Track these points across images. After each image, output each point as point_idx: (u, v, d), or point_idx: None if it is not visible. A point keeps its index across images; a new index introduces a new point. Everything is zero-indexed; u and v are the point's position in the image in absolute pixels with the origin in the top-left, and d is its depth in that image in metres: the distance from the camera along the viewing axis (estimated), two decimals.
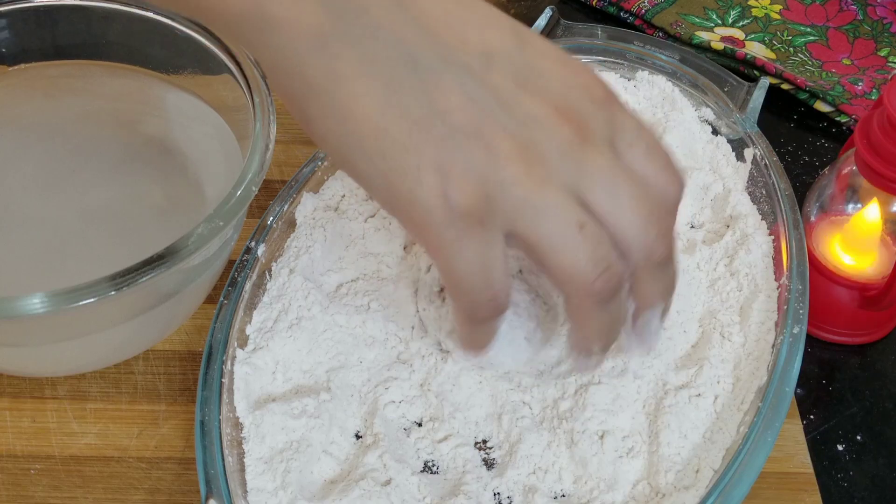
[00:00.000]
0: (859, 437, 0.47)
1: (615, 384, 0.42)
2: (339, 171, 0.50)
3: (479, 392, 0.42)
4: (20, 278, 0.45)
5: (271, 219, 0.47)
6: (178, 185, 0.49)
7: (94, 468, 0.43)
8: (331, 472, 0.41)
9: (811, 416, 0.47)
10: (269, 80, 0.34)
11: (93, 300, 0.38)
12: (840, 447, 0.46)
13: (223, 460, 0.38)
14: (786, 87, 0.64)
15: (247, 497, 0.38)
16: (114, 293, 0.38)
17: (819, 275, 0.49)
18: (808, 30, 0.68)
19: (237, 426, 0.40)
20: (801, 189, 0.55)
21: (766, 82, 0.55)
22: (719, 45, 0.65)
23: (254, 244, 0.46)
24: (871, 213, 0.49)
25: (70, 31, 0.52)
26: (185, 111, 0.52)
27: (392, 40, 0.32)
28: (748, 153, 0.51)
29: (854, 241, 0.50)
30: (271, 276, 0.46)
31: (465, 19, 0.34)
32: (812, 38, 0.68)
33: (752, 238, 0.47)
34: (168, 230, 0.46)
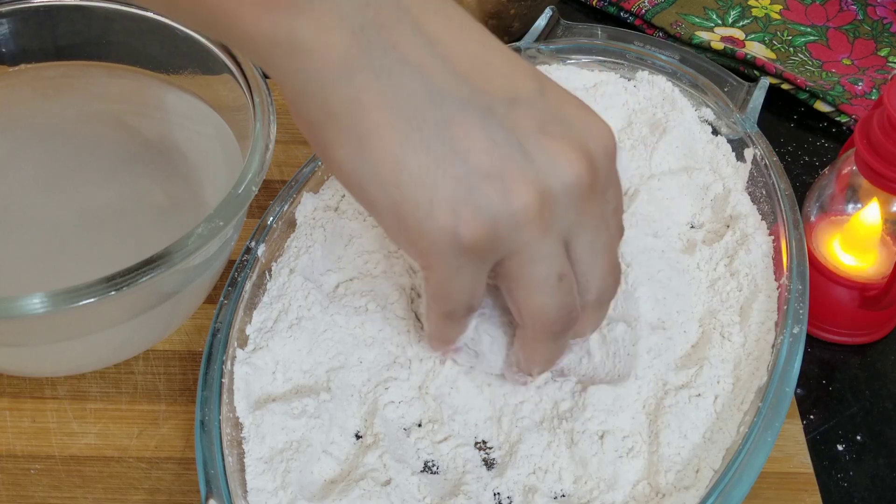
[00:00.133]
0: (859, 437, 0.47)
1: (615, 384, 0.42)
2: None
3: (477, 395, 0.42)
4: (20, 278, 0.45)
5: (271, 219, 0.47)
6: (178, 185, 0.49)
7: (94, 468, 0.43)
8: (331, 472, 0.41)
9: (811, 416, 0.47)
10: (290, 105, 0.35)
11: (93, 300, 0.38)
12: (840, 447, 0.46)
13: (223, 460, 0.38)
14: (786, 87, 0.64)
15: (247, 497, 0.38)
16: (114, 293, 0.38)
17: (819, 275, 0.49)
18: (808, 30, 0.69)
19: (237, 426, 0.40)
20: (801, 189, 0.55)
21: (766, 82, 0.55)
22: (719, 45, 0.65)
23: (254, 244, 0.46)
24: (871, 213, 0.49)
25: (70, 31, 0.52)
26: (185, 111, 0.52)
27: (419, 76, 0.33)
28: (748, 153, 0.51)
29: (854, 241, 0.50)
30: (271, 276, 0.46)
31: (490, 63, 0.34)
32: (812, 38, 0.68)
33: (752, 238, 0.47)
34: (168, 230, 0.46)
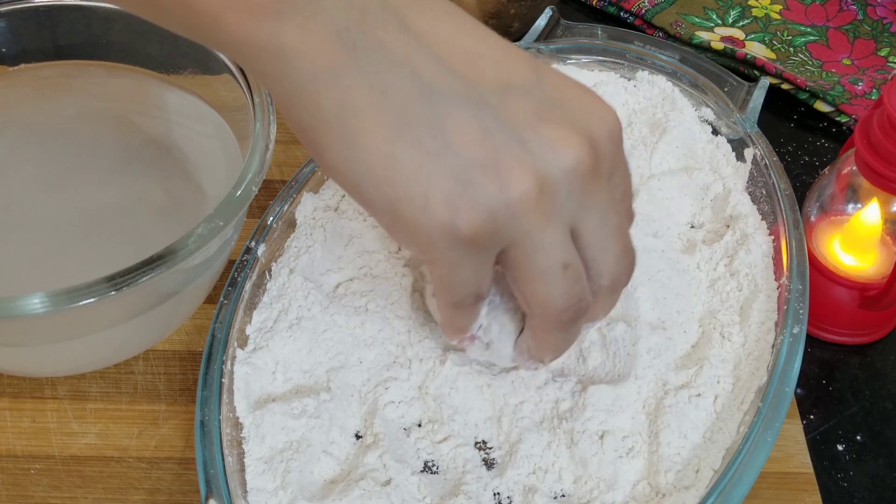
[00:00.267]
0: (859, 437, 0.47)
1: (615, 384, 0.42)
2: None
3: (477, 395, 0.42)
4: (20, 278, 0.45)
5: (271, 219, 0.47)
6: (178, 185, 0.49)
7: (94, 468, 0.43)
8: (331, 472, 0.41)
9: (811, 416, 0.47)
10: (281, 110, 0.35)
11: (93, 300, 0.38)
12: (840, 447, 0.46)
13: (223, 460, 0.38)
14: (786, 87, 0.64)
15: (247, 497, 0.38)
16: (114, 293, 0.38)
17: (819, 275, 0.49)
18: (808, 30, 0.68)
19: (237, 426, 0.40)
20: (801, 189, 0.55)
21: (766, 82, 0.55)
22: (719, 45, 0.65)
23: (254, 244, 0.46)
24: (871, 213, 0.49)
25: (70, 31, 0.52)
26: (185, 111, 0.52)
27: (408, 73, 0.33)
28: (748, 153, 0.51)
29: (854, 241, 0.50)
30: (271, 276, 0.46)
31: (483, 54, 0.34)
32: (812, 38, 0.68)
33: (752, 238, 0.47)
34: (168, 230, 0.46)
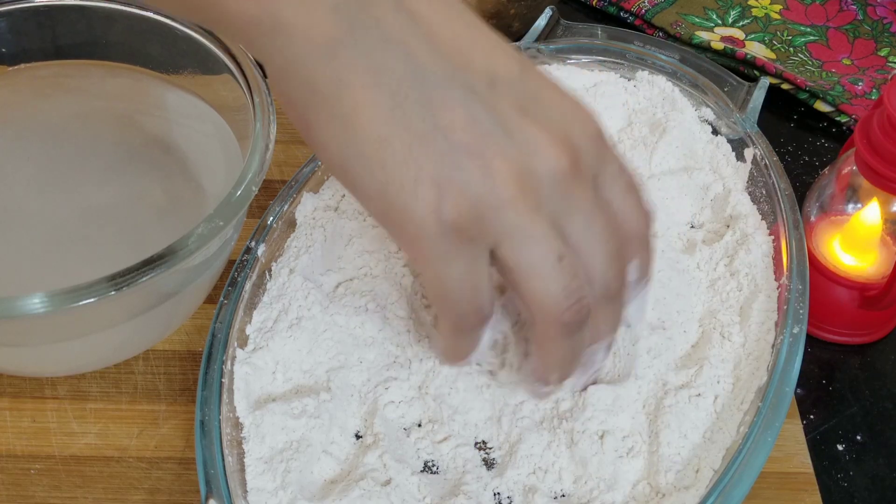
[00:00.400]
0: (859, 437, 0.47)
1: (615, 384, 0.42)
2: None
3: (477, 395, 0.42)
4: (20, 278, 0.45)
5: (271, 219, 0.47)
6: (178, 185, 0.49)
7: (94, 468, 0.43)
8: (331, 472, 0.41)
9: (811, 416, 0.47)
10: (273, 84, 0.35)
11: (93, 300, 0.38)
12: (840, 447, 0.46)
13: (223, 460, 0.38)
14: (786, 87, 0.64)
15: (247, 497, 0.38)
16: (114, 293, 0.38)
17: (819, 275, 0.49)
18: (808, 30, 0.68)
19: (237, 426, 0.40)
20: (801, 189, 0.55)
21: (766, 82, 0.55)
22: (719, 45, 0.65)
23: (254, 244, 0.46)
24: (871, 213, 0.49)
25: (70, 31, 0.52)
26: (185, 111, 0.52)
27: (401, 54, 0.33)
28: (748, 153, 0.51)
29: (854, 241, 0.50)
30: (271, 276, 0.46)
31: (473, 43, 0.34)
32: (812, 38, 0.68)
33: (752, 238, 0.47)
34: (168, 230, 0.46)
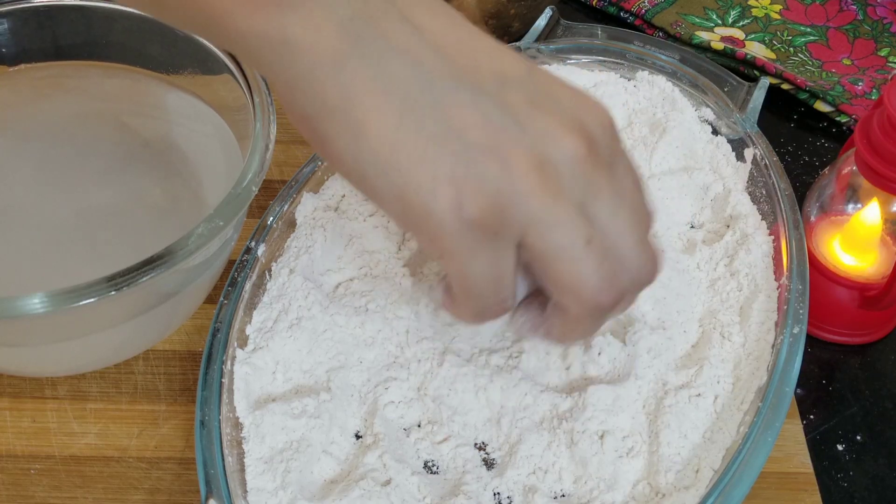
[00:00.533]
0: (859, 437, 0.47)
1: (615, 384, 0.42)
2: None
3: (476, 397, 0.42)
4: (20, 278, 0.45)
5: (271, 219, 0.47)
6: (178, 185, 0.49)
7: (94, 468, 0.43)
8: (331, 472, 0.41)
9: (811, 416, 0.47)
10: (284, 102, 0.35)
11: (93, 300, 0.38)
12: (840, 447, 0.46)
13: (223, 460, 0.38)
14: (786, 87, 0.64)
15: (247, 497, 0.38)
16: (114, 293, 0.38)
17: (819, 275, 0.49)
18: (808, 30, 0.68)
19: (237, 426, 0.40)
20: (801, 189, 0.55)
21: (766, 82, 0.55)
22: (719, 45, 0.65)
23: (254, 244, 0.46)
24: (871, 213, 0.49)
25: (70, 31, 0.52)
26: (185, 111, 0.52)
27: (408, 62, 0.33)
28: (748, 153, 0.51)
29: (854, 241, 0.50)
30: (271, 276, 0.46)
31: (478, 48, 0.35)
32: (812, 38, 0.68)
33: (752, 238, 0.47)
34: (168, 230, 0.46)
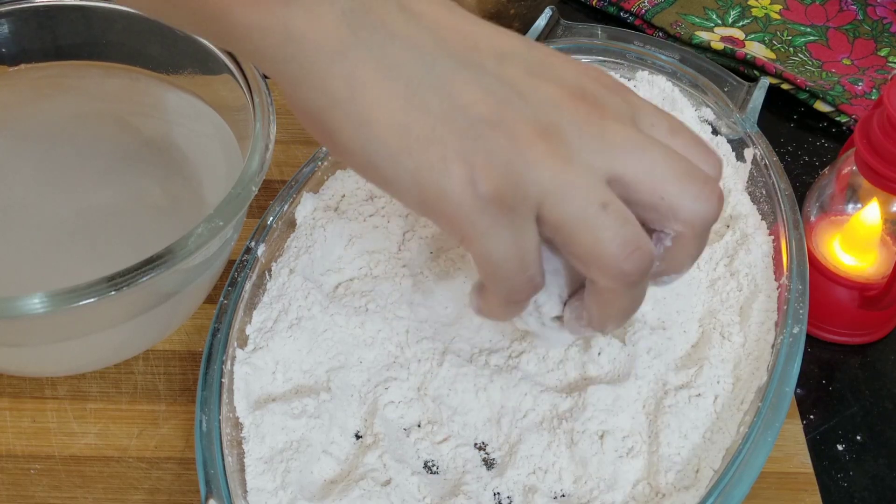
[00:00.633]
0: (859, 437, 0.47)
1: (615, 384, 0.42)
2: (339, 171, 0.50)
3: (476, 397, 0.42)
4: (20, 278, 0.45)
5: (271, 219, 0.47)
6: (178, 185, 0.49)
7: (94, 468, 0.43)
8: (331, 472, 0.41)
9: (811, 416, 0.47)
10: (289, 98, 0.35)
11: (93, 300, 0.38)
12: (840, 447, 0.46)
13: (223, 460, 0.38)
14: (786, 87, 0.64)
15: (247, 497, 0.38)
16: (114, 293, 0.38)
17: (819, 275, 0.49)
18: (808, 30, 0.68)
19: (237, 426, 0.40)
20: (801, 189, 0.55)
21: (766, 82, 0.55)
22: (719, 45, 0.65)
23: (254, 244, 0.46)
24: (871, 213, 0.49)
25: (70, 31, 0.52)
26: (185, 111, 0.52)
27: (409, 46, 0.33)
28: (748, 153, 0.51)
29: (854, 241, 0.50)
30: (271, 276, 0.46)
31: (475, 30, 0.35)
32: (812, 38, 0.68)
33: (752, 238, 0.47)
34: (168, 230, 0.46)
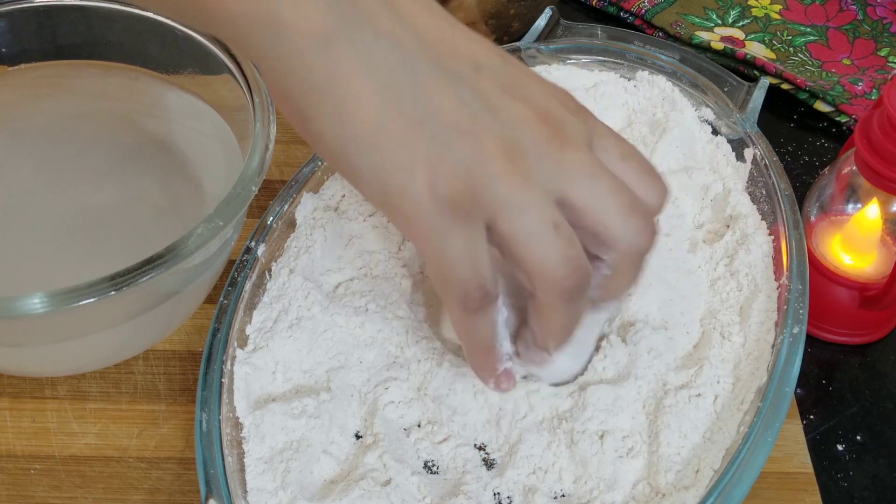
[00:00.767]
0: (859, 437, 0.47)
1: (615, 384, 0.42)
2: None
3: (475, 397, 0.42)
4: (20, 278, 0.45)
5: (271, 219, 0.47)
6: (178, 185, 0.49)
7: (94, 468, 0.43)
8: (331, 472, 0.41)
9: (811, 416, 0.47)
10: (268, 81, 0.36)
11: (93, 300, 0.38)
12: (840, 447, 0.46)
13: (223, 460, 0.38)
14: (786, 87, 0.64)
15: (247, 497, 0.38)
16: (114, 293, 0.38)
17: (819, 275, 0.49)
18: (808, 30, 0.68)
19: (237, 426, 0.40)
20: (801, 189, 0.55)
21: (766, 82, 0.55)
22: (719, 45, 0.65)
23: (254, 244, 0.46)
24: (871, 213, 0.49)
25: (70, 31, 0.52)
26: (185, 111, 0.52)
27: (391, 45, 0.34)
28: (748, 153, 0.51)
29: (854, 241, 0.50)
30: (271, 276, 0.46)
31: (455, 35, 0.36)
32: (812, 38, 0.68)
33: (752, 238, 0.47)
34: (168, 230, 0.46)
